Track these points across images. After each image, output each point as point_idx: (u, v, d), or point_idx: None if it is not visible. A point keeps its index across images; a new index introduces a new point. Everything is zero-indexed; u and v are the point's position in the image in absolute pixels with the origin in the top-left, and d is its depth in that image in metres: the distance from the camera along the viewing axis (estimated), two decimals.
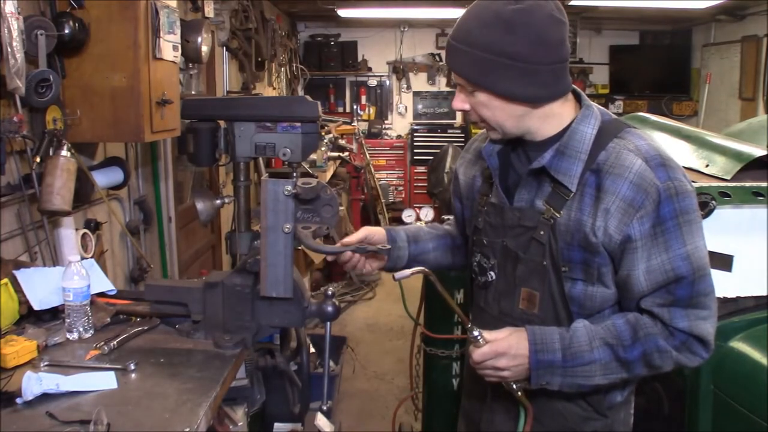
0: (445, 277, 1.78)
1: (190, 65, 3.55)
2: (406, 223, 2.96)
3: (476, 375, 1.57)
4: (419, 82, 8.59)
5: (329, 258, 1.59)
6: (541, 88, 1.28)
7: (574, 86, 1.38)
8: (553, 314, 1.37)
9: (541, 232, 1.35)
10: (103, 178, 2.36)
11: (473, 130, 8.14)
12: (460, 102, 1.36)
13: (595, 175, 1.31)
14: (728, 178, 2.15)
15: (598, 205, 1.29)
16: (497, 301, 1.46)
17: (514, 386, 1.36)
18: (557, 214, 1.33)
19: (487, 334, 1.32)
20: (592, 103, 1.39)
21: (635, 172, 1.27)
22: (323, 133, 5.67)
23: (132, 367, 1.42)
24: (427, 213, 3.06)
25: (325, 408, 1.53)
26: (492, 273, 1.47)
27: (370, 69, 8.48)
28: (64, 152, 1.94)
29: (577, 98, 1.39)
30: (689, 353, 1.32)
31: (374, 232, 1.55)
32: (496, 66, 1.25)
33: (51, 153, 1.95)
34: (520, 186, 1.40)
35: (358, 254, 1.54)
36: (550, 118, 1.34)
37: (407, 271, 1.43)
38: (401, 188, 8.50)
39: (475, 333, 1.32)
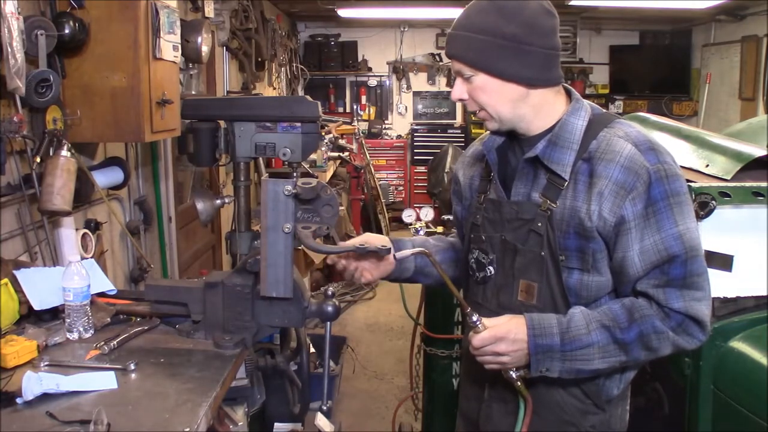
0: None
1: (190, 65, 3.55)
2: (407, 223, 2.96)
3: (473, 373, 1.58)
4: (419, 82, 8.60)
5: (330, 261, 1.58)
6: (534, 70, 1.35)
7: (566, 85, 1.45)
8: (551, 305, 1.39)
9: (539, 224, 1.38)
10: (103, 178, 2.36)
11: (473, 130, 8.15)
12: (459, 92, 1.41)
13: (588, 163, 1.36)
14: (728, 178, 2.15)
15: (591, 190, 1.33)
16: (496, 296, 1.48)
17: (514, 375, 1.37)
18: (554, 205, 1.37)
19: (487, 320, 1.35)
20: (581, 98, 1.45)
21: (626, 156, 1.32)
22: (323, 133, 5.67)
23: (132, 367, 1.42)
24: (427, 213, 3.06)
25: (325, 408, 1.53)
26: (490, 268, 1.49)
27: (370, 69, 8.48)
28: (64, 152, 1.94)
29: (569, 95, 1.45)
30: (686, 335, 1.33)
31: (375, 238, 1.55)
32: (491, 47, 1.32)
33: (51, 153, 1.95)
34: (516, 179, 1.44)
35: (357, 262, 1.54)
36: (544, 109, 1.40)
37: (408, 252, 1.44)
38: (401, 188, 8.50)
39: (474, 318, 1.34)
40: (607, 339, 1.32)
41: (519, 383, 1.37)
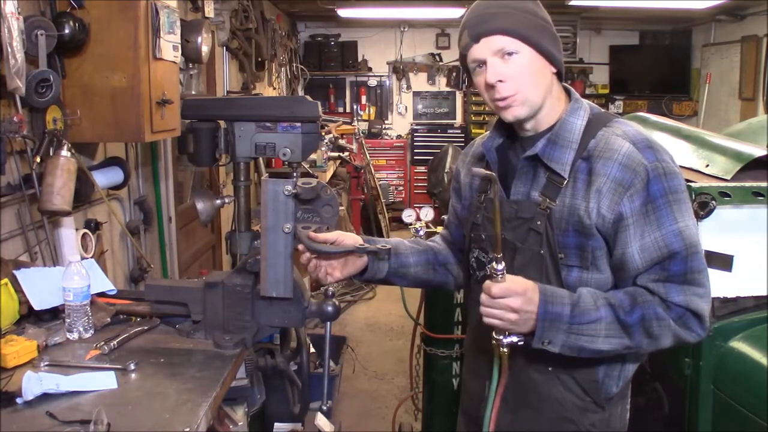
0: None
1: (190, 65, 3.55)
2: (407, 223, 2.97)
3: (475, 369, 1.58)
4: (419, 82, 8.60)
5: (303, 260, 1.50)
6: (562, 58, 1.40)
7: (565, 84, 1.46)
8: None
9: (538, 222, 1.38)
10: (103, 178, 2.36)
11: (473, 130, 8.15)
12: (497, 73, 1.35)
13: (586, 162, 1.36)
14: (728, 178, 2.15)
15: (590, 188, 1.34)
16: None
17: (504, 341, 1.32)
18: (553, 204, 1.37)
19: (508, 276, 1.30)
20: (580, 97, 1.46)
21: (624, 154, 1.33)
22: (323, 133, 5.66)
23: (132, 367, 1.43)
24: (427, 213, 3.06)
25: (325, 408, 1.53)
26: (490, 267, 1.48)
27: (370, 69, 8.48)
28: (65, 152, 1.94)
29: (567, 94, 1.46)
30: (686, 328, 1.33)
31: (345, 236, 1.48)
32: (536, 25, 1.36)
33: (51, 153, 1.95)
34: (516, 178, 1.44)
35: (324, 258, 1.48)
36: (555, 105, 1.42)
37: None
38: (401, 188, 8.50)
39: (500, 267, 1.27)
40: (612, 317, 1.31)
41: (504, 350, 1.33)
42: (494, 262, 1.28)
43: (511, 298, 1.28)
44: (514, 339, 1.32)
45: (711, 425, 1.98)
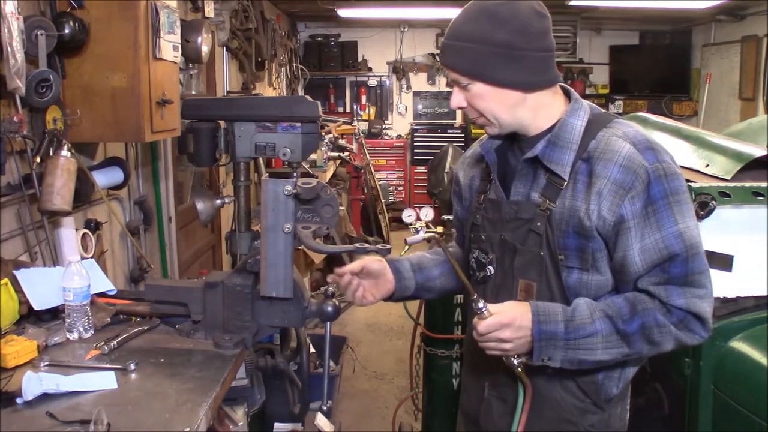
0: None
1: (190, 65, 3.55)
2: (406, 223, 2.96)
3: (474, 371, 1.59)
4: (419, 82, 8.60)
5: (330, 279, 1.60)
6: (530, 75, 1.35)
7: (564, 84, 1.45)
8: None
9: (538, 224, 1.39)
10: (103, 178, 2.36)
11: (473, 130, 8.15)
12: (457, 100, 1.41)
13: (587, 163, 1.36)
14: (728, 178, 2.15)
15: (590, 190, 1.34)
16: (495, 295, 1.48)
17: (515, 361, 1.36)
18: (553, 205, 1.37)
19: (492, 307, 1.34)
20: (580, 98, 1.45)
21: (624, 156, 1.32)
22: (323, 133, 5.66)
23: (132, 367, 1.43)
24: (427, 213, 3.05)
25: (325, 408, 1.53)
26: (490, 267, 1.50)
27: (370, 69, 8.49)
28: (65, 152, 1.94)
29: (567, 95, 1.45)
30: (688, 331, 1.33)
31: (372, 262, 1.57)
32: (485, 55, 1.32)
33: (51, 153, 1.95)
34: (515, 179, 1.45)
35: (358, 280, 1.57)
36: (542, 110, 1.40)
37: (419, 236, 1.45)
38: (401, 188, 8.50)
39: (481, 305, 1.32)
40: (610, 329, 1.32)
41: (520, 369, 1.37)
42: (473, 303, 1.33)
43: (499, 331, 1.32)
44: (523, 359, 1.36)
45: (711, 425, 1.98)
